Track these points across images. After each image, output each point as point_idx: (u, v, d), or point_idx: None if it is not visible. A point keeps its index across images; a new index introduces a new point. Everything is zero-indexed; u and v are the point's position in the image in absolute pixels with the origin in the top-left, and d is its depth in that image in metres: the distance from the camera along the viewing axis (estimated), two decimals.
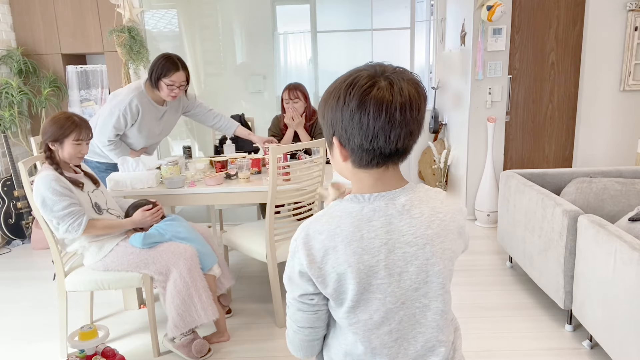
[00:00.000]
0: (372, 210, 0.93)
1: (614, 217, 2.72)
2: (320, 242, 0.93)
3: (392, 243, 0.93)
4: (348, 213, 0.94)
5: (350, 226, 0.92)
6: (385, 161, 0.93)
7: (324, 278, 0.93)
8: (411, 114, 0.89)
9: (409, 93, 0.88)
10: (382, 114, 0.87)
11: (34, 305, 3.03)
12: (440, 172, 4.80)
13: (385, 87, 0.88)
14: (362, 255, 0.91)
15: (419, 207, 0.95)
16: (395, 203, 0.94)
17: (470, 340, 2.46)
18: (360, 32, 4.17)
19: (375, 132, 0.88)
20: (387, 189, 0.95)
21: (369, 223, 0.92)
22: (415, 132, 0.91)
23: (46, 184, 2.14)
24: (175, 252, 2.30)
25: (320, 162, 2.61)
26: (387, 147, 0.90)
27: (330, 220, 0.94)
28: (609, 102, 4.16)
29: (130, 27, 4.01)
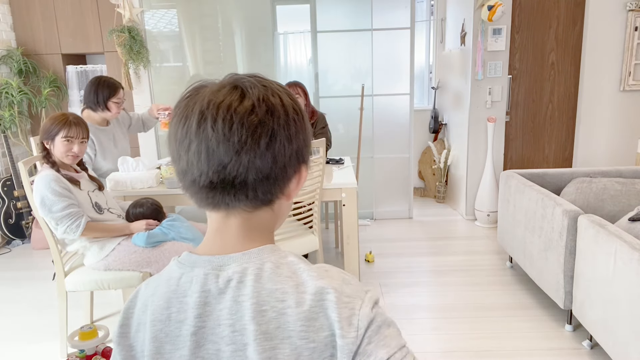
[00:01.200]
0: (189, 282, 0.67)
1: (614, 217, 2.72)
2: (138, 311, 0.71)
3: (202, 334, 0.65)
4: (167, 279, 0.69)
5: (161, 299, 0.68)
6: (212, 198, 0.65)
7: (132, 358, 0.71)
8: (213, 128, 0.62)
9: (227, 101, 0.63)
10: (179, 125, 0.65)
11: (34, 305, 3.03)
12: (440, 172, 4.81)
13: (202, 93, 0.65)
14: (163, 343, 0.67)
15: (250, 287, 0.64)
16: (220, 275, 0.66)
17: (470, 340, 2.46)
18: (360, 32, 4.17)
19: (177, 150, 0.66)
20: (224, 250, 0.68)
21: (181, 299, 0.67)
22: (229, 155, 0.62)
23: (45, 183, 2.14)
24: (179, 251, 2.30)
25: (320, 162, 2.61)
26: (192, 173, 0.64)
27: (152, 284, 0.71)
28: (609, 102, 4.16)
29: (130, 27, 4.01)
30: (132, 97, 4.27)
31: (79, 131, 2.26)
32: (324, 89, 4.31)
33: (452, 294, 2.96)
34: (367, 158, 4.39)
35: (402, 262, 3.46)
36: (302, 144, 0.67)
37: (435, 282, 3.13)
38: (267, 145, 0.63)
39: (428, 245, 3.75)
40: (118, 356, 0.73)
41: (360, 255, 3.57)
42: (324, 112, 3.58)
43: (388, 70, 4.25)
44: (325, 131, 3.41)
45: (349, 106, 4.29)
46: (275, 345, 0.62)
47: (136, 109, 4.29)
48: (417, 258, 3.52)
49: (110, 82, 2.87)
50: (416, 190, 5.17)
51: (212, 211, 0.69)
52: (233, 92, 0.64)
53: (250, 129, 0.62)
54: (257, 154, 0.63)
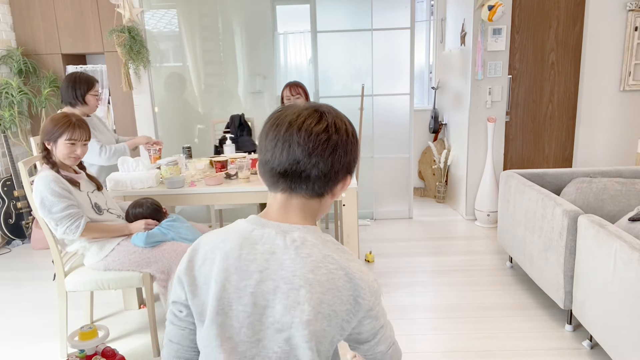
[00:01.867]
0: (260, 235, 0.92)
1: (614, 217, 2.72)
2: (204, 252, 0.94)
3: (267, 273, 0.89)
4: (238, 230, 0.94)
5: (233, 243, 0.92)
6: (280, 182, 0.92)
7: (194, 287, 0.93)
8: (298, 135, 0.89)
9: (309, 121, 0.91)
10: (272, 129, 0.92)
11: (34, 305, 3.03)
12: (440, 172, 4.81)
13: (291, 112, 0.93)
14: (232, 273, 0.90)
15: (309, 249, 0.91)
16: (286, 236, 0.92)
17: (470, 340, 2.46)
18: (360, 32, 4.17)
19: (265, 145, 0.93)
20: (287, 220, 0.94)
21: (252, 245, 0.91)
22: (302, 157, 0.89)
23: (45, 184, 2.14)
24: (178, 252, 2.30)
25: None
26: (273, 162, 0.91)
27: (220, 234, 0.96)
28: (609, 102, 4.16)
29: (130, 27, 4.01)
30: (132, 97, 4.27)
31: (82, 133, 2.26)
32: (324, 89, 4.31)
33: (452, 294, 2.96)
34: (367, 158, 4.39)
35: (402, 262, 3.46)
36: (352, 159, 0.94)
37: (435, 282, 3.13)
38: (330, 154, 0.90)
39: (428, 245, 3.75)
40: (181, 285, 0.94)
41: (360, 255, 3.57)
42: None
43: (388, 70, 4.25)
44: None
45: (349, 106, 4.29)
46: (323, 291, 0.88)
47: (136, 109, 4.29)
48: (417, 258, 3.52)
49: (85, 76, 2.93)
50: (416, 190, 5.17)
51: (278, 192, 0.94)
52: (314, 114, 0.92)
53: (321, 141, 0.89)
54: (322, 158, 0.90)
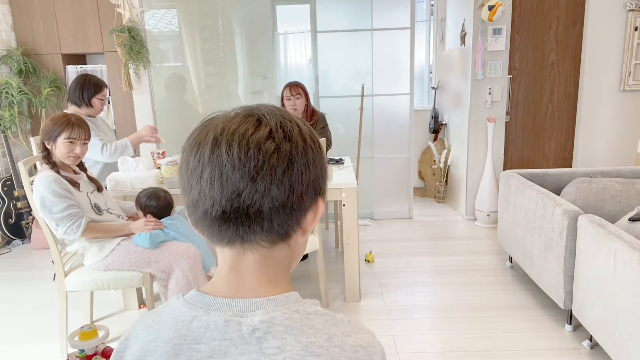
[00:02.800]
0: (204, 327, 0.61)
1: (614, 217, 2.72)
2: (132, 354, 0.64)
3: None
4: (174, 322, 0.63)
5: (167, 344, 0.61)
6: (224, 232, 0.61)
7: None
8: (228, 154, 0.59)
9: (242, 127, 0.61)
10: (192, 153, 0.62)
11: (34, 305, 3.03)
12: (440, 172, 4.81)
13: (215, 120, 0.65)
14: None
15: (280, 338, 0.59)
16: (242, 322, 0.60)
17: (470, 340, 2.46)
18: (360, 32, 4.17)
19: (188, 179, 0.62)
20: (241, 293, 0.63)
21: (194, 346, 0.60)
22: (244, 183, 0.59)
23: (45, 184, 2.14)
24: (178, 251, 2.30)
25: None
26: (204, 203, 0.60)
27: (153, 326, 0.65)
28: (609, 102, 4.16)
29: (130, 27, 4.01)
30: (132, 97, 4.27)
31: (81, 132, 2.25)
32: (324, 89, 4.30)
33: (452, 294, 2.96)
34: (367, 158, 4.39)
35: (402, 262, 3.46)
36: (320, 173, 0.64)
37: (435, 282, 3.13)
38: (283, 171, 0.59)
39: (428, 245, 3.75)
40: None
41: (360, 255, 3.57)
42: (324, 112, 3.58)
43: (388, 70, 4.25)
44: (325, 131, 3.41)
45: (349, 106, 4.29)
46: None
47: (136, 109, 4.29)
48: (417, 258, 3.52)
49: (95, 80, 2.96)
50: (416, 190, 5.17)
51: (225, 247, 0.63)
52: (248, 119, 0.62)
53: (267, 155, 0.59)
54: (273, 181, 0.59)
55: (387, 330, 2.58)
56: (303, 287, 3.12)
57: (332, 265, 3.45)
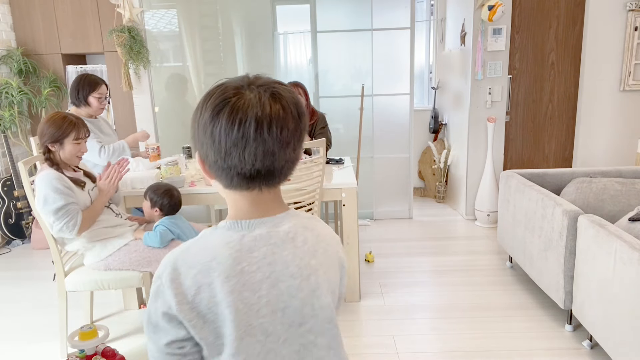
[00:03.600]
0: (253, 240, 0.82)
1: (614, 217, 2.72)
2: (192, 278, 0.79)
3: (275, 276, 0.82)
4: (226, 243, 0.82)
5: (228, 258, 0.80)
6: (251, 183, 0.82)
7: (197, 320, 0.79)
8: (269, 132, 0.77)
9: (272, 109, 0.78)
10: (234, 129, 0.77)
11: (34, 305, 3.03)
12: (440, 172, 4.81)
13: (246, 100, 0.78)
14: (241, 292, 0.80)
15: (302, 235, 0.87)
16: (279, 230, 0.85)
17: (470, 340, 2.46)
18: (360, 32, 4.17)
19: (227, 149, 0.78)
20: (267, 214, 0.86)
21: (249, 254, 0.81)
22: (278, 152, 0.79)
23: (47, 182, 2.13)
24: None
25: (320, 162, 2.61)
26: (242, 167, 0.79)
27: (203, 252, 0.81)
28: (609, 102, 4.16)
29: (130, 27, 4.01)
30: (132, 97, 4.27)
31: (85, 131, 2.28)
32: (324, 89, 4.30)
33: (452, 294, 2.96)
34: (367, 158, 4.39)
35: (402, 262, 3.46)
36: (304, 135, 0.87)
37: (435, 282, 3.13)
38: (299, 140, 0.83)
39: (428, 245, 3.75)
40: (176, 322, 0.80)
41: (360, 255, 3.57)
42: (324, 112, 3.58)
43: (388, 70, 4.25)
44: (325, 131, 3.41)
45: (349, 106, 4.29)
46: (326, 270, 0.89)
47: (136, 109, 4.29)
48: (417, 258, 3.52)
49: (91, 78, 2.91)
50: (416, 190, 5.17)
51: (244, 190, 0.84)
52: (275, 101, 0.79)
53: (292, 131, 0.81)
54: (295, 148, 0.83)
55: (387, 330, 2.58)
56: None
57: None
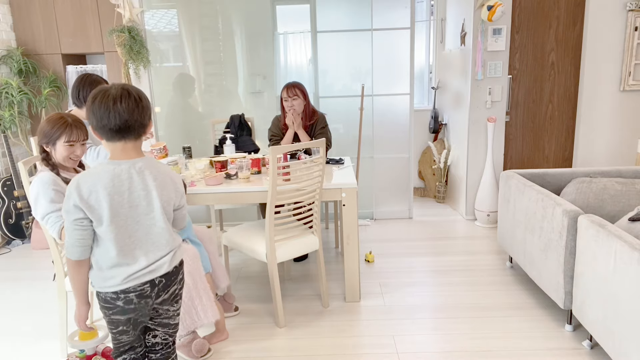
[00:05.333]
0: (120, 170, 1.53)
1: (614, 217, 2.72)
2: (87, 187, 1.49)
3: (132, 189, 1.54)
4: (106, 170, 1.52)
5: (106, 178, 1.51)
6: (117, 136, 1.52)
7: (89, 208, 1.49)
8: (120, 104, 1.49)
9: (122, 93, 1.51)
10: (102, 104, 1.50)
11: (34, 305, 3.03)
12: (440, 172, 4.81)
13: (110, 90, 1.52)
14: (113, 195, 1.51)
15: (149, 170, 1.57)
16: (135, 166, 1.55)
17: (470, 340, 2.46)
18: (360, 32, 4.17)
19: (101, 115, 1.50)
20: (129, 157, 1.55)
21: (118, 177, 1.52)
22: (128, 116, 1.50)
23: (39, 186, 2.10)
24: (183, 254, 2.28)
25: (320, 162, 2.61)
26: (110, 125, 1.50)
27: (93, 174, 1.51)
28: (609, 102, 4.16)
29: (130, 27, 4.01)
30: None
31: (80, 133, 2.21)
32: (324, 89, 4.31)
33: (452, 294, 2.96)
34: (367, 158, 4.39)
35: (402, 262, 3.46)
36: (145, 111, 1.56)
37: (435, 282, 3.13)
38: (141, 111, 1.53)
39: (428, 245, 3.75)
40: (81, 210, 1.50)
41: (360, 255, 3.57)
42: (324, 112, 3.58)
43: (388, 70, 4.25)
44: (325, 131, 3.41)
45: (349, 106, 4.29)
46: (162, 188, 1.60)
47: None
48: (417, 258, 3.52)
49: (93, 78, 2.86)
50: (416, 190, 5.17)
51: (115, 142, 1.54)
52: (124, 90, 1.52)
53: (136, 105, 1.52)
54: (139, 115, 1.53)
55: (387, 330, 2.58)
56: (303, 287, 3.12)
57: (332, 265, 3.45)
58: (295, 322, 2.70)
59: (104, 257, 1.55)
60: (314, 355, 2.38)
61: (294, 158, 3.27)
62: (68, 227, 1.52)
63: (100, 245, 1.55)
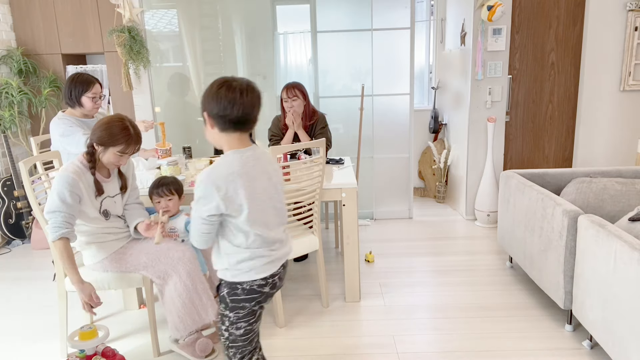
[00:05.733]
0: (246, 157, 1.56)
1: (614, 217, 2.72)
2: (223, 181, 1.51)
3: (260, 173, 1.58)
4: (234, 160, 1.54)
5: (238, 166, 1.53)
6: (236, 127, 1.53)
7: (228, 200, 1.51)
8: (246, 97, 1.50)
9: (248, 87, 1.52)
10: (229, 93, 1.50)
11: (34, 305, 3.03)
12: (440, 172, 4.81)
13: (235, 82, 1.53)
14: (247, 181, 1.54)
15: (263, 155, 1.63)
16: (254, 153, 1.58)
17: (470, 340, 2.46)
18: (360, 32, 4.17)
19: (225, 105, 1.49)
20: (245, 146, 1.58)
21: (247, 163, 1.55)
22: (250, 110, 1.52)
23: (60, 183, 2.11)
24: (174, 258, 2.27)
25: (320, 162, 2.61)
26: (232, 116, 1.50)
27: (224, 167, 1.53)
28: (609, 102, 4.16)
29: (130, 27, 4.01)
30: (132, 97, 4.27)
31: (134, 148, 2.21)
32: (324, 89, 4.31)
33: (452, 294, 2.96)
34: (367, 158, 4.39)
35: (402, 262, 3.46)
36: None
37: (435, 282, 3.13)
38: (259, 107, 1.57)
39: (428, 245, 3.75)
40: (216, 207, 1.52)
41: (360, 255, 3.57)
42: (324, 112, 3.58)
43: (388, 70, 4.25)
44: (325, 131, 3.41)
45: (349, 106, 4.29)
46: (277, 171, 1.66)
47: (136, 109, 4.29)
48: (417, 258, 3.52)
49: (84, 77, 2.82)
50: (416, 190, 5.17)
51: (230, 132, 1.54)
52: (248, 84, 1.54)
53: (257, 100, 1.55)
54: (257, 110, 1.56)
55: (387, 330, 2.58)
56: (303, 287, 3.13)
57: (332, 265, 3.45)
58: (295, 322, 2.70)
59: (248, 247, 1.58)
60: (314, 355, 2.38)
61: (294, 158, 3.27)
62: (196, 219, 1.55)
63: (240, 236, 1.57)
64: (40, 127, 4.31)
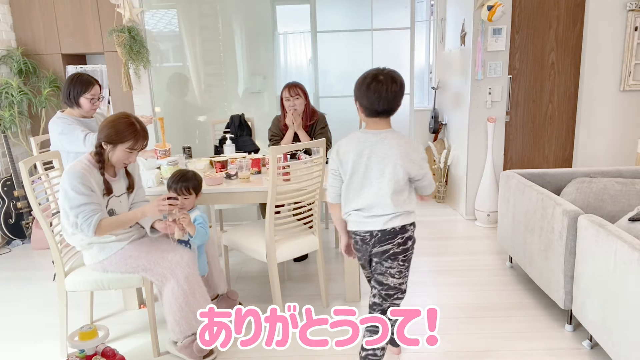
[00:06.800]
0: (366, 138, 1.88)
1: (614, 217, 2.72)
2: (343, 148, 1.92)
3: (372, 152, 1.86)
4: (357, 136, 1.90)
5: (356, 141, 1.89)
6: (376, 115, 1.85)
7: (341, 163, 1.92)
8: (388, 91, 1.80)
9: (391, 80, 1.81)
10: (377, 90, 1.80)
11: (34, 305, 3.03)
12: (440, 172, 4.81)
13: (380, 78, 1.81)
14: (357, 155, 1.88)
15: (390, 140, 1.85)
16: (379, 135, 1.87)
17: (470, 340, 2.46)
18: (360, 32, 4.17)
19: (373, 99, 1.82)
20: (377, 128, 1.89)
21: (364, 141, 1.88)
22: (392, 101, 1.82)
23: (70, 178, 2.10)
24: (173, 261, 2.26)
25: (320, 162, 2.61)
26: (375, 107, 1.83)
27: (349, 139, 1.92)
28: (609, 102, 4.16)
29: (130, 27, 4.02)
30: (132, 97, 4.27)
31: (143, 143, 2.20)
32: (324, 89, 4.30)
33: (452, 294, 2.96)
34: None
35: None
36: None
37: (435, 282, 3.13)
38: (400, 97, 1.86)
39: (428, 245, 3.75)
40: (335, 164, 1.94)
41: None
42: (324, 112, 3.58)
43: None
44: (325, 131, 3.41)
45: (349, 106, 4.29)
46: (397, 158, 1.85)
47: (136, 109, 4.29)
48: (417, 258, 3.51)
49: (84, 78, 2.80)
50: None
51: (373, 117, 1.87)
52: (392, 78, 1.82)
53: (399, 91, 1.83)
54: (399, 100, 1.86)
55: None
56: (303, 286, 3.12)
57: (332, 265, 3.45)
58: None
59: (347, 203, 1.96)
60: (314, 355, 2.38)
61: (294, 158, 3.27)
62: (329, 174, 1.98)
63: (345, 194, 1.96)
64: (40, 127, 4.31)
